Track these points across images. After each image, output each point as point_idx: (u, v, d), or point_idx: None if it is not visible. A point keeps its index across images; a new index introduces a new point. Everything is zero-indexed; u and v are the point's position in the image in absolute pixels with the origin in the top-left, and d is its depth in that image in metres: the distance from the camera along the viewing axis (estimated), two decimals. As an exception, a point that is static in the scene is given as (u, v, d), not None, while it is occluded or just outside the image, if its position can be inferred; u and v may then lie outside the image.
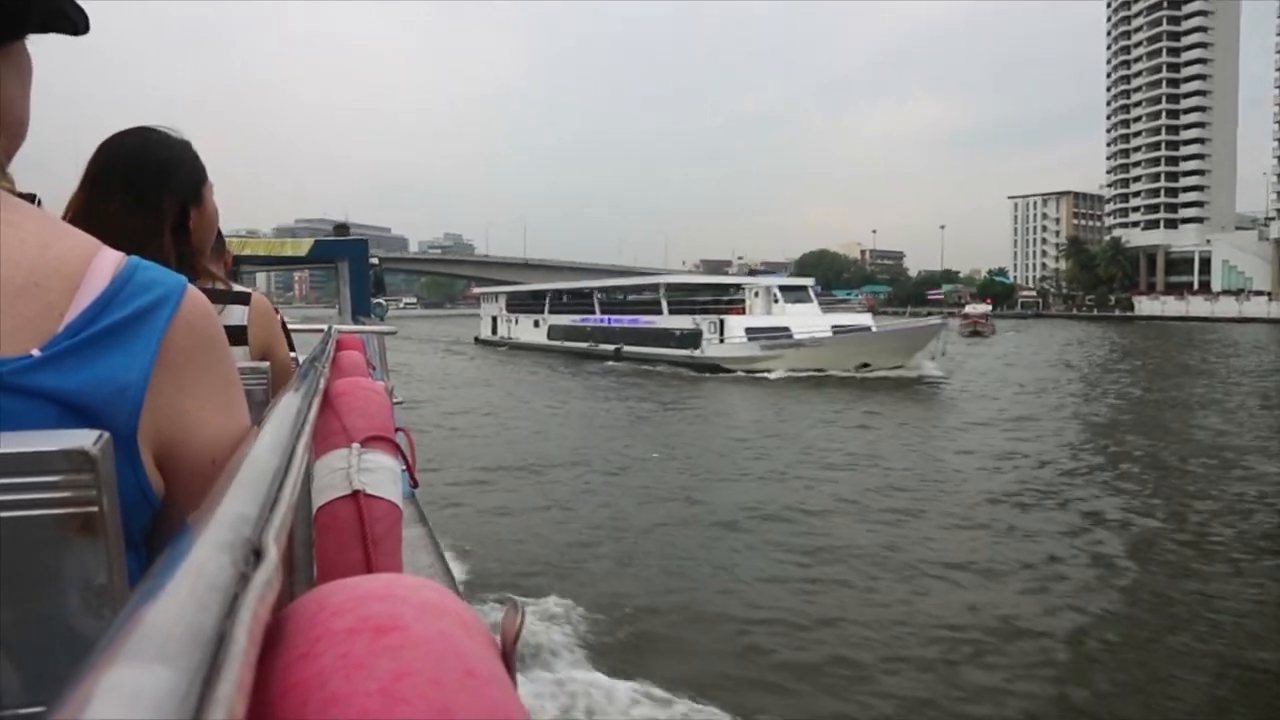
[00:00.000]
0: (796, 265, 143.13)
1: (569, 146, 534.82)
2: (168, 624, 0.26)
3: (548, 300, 45.83)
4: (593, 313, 41.36)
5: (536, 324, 45.80)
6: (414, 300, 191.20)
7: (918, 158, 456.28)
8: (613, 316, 39.75)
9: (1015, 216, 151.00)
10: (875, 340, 29.47)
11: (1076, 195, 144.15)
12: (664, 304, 36.54)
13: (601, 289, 43.69)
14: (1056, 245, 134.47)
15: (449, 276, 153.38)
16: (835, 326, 31.26)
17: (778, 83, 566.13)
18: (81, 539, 0.50)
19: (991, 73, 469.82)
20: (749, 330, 31.31)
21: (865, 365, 28.30)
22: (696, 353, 32.57)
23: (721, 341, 31.79)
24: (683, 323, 34.46)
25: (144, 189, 1.38)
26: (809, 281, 37.13)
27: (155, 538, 0.69)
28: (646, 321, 36.97)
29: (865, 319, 33.52)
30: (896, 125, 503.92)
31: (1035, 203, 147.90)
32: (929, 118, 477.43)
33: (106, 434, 0.51)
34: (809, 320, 31.81)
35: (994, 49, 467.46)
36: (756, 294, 33.90)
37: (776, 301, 33.35)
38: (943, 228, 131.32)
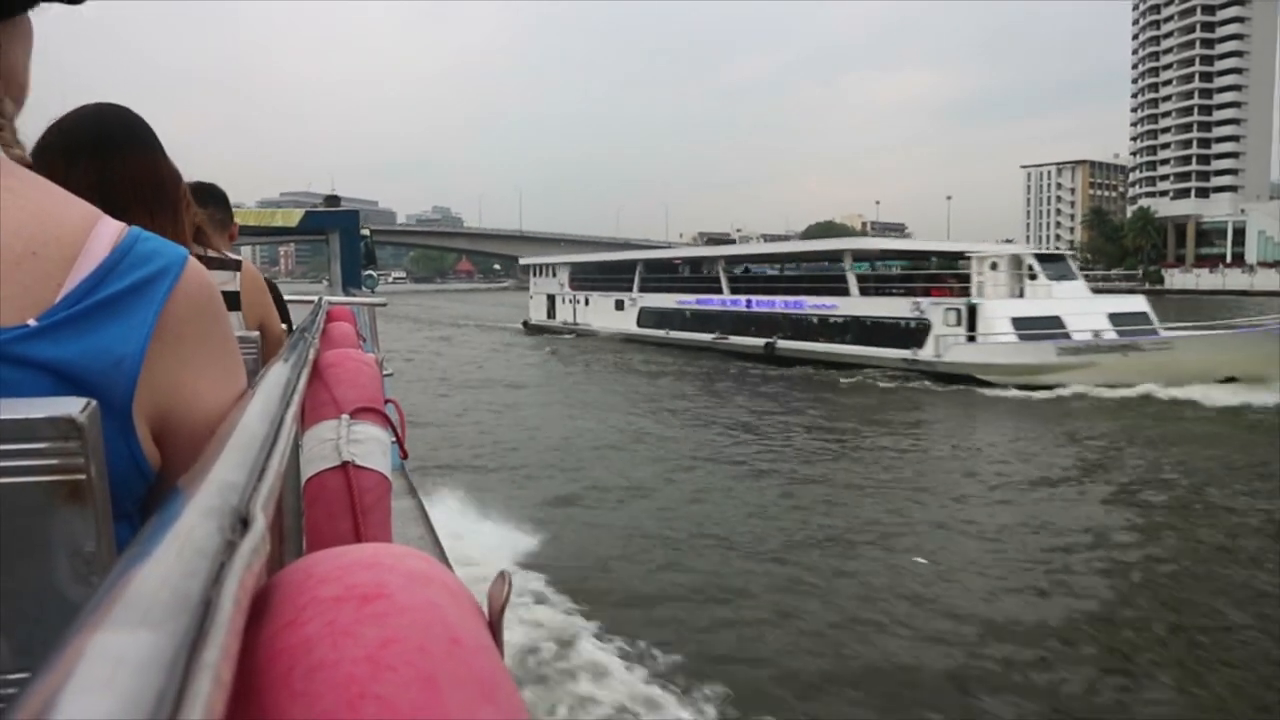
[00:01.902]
0: (803, 237, 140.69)
1: (558, 120, 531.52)
2: (154, 590, 0.26)
3: (638, 275, 34.27)
4: (717, 291, 30.01)
5: (620, 306, 34.44)
6: (403, 275, 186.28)
7: (916, 129, 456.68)
8: (756, 298, 28.19)
9: (1029, 186, 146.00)
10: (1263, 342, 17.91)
11: (1093, 164, 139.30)
12: (851, 281, 24.96)
13: (731, 258, 32.21)
14: (1072, 216, 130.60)
15: (440, 249, 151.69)
16: (1111, 315, 20.84)
17: (772, 52, 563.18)
18: (69, 506, 0.50)
19: (992, 41, 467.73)
20: (1017, 321, 20.61)
21: (1231, 379, 18.01)
22: (921, 353, 21.79)
23: (972, 339, 21.16)
24: (890, 308, 23.36)
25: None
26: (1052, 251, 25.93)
27: (150, 510, 0.68)
28: (819, 305, 25.55)
29: (1137, 303, 22.17)
30: (893, 96, 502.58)
31: (1049, 172, 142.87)
32: (927, 88, 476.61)
33: (94, 402, 0.51)
34: (1082, 306, 21.23)
35: (993, 16, 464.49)
36: (994, 265, 22.71)
37: (1034, 278, 22.13)
38: (949, 198, 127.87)
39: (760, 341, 26.66)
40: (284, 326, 2.21)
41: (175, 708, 0.21)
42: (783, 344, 25.91)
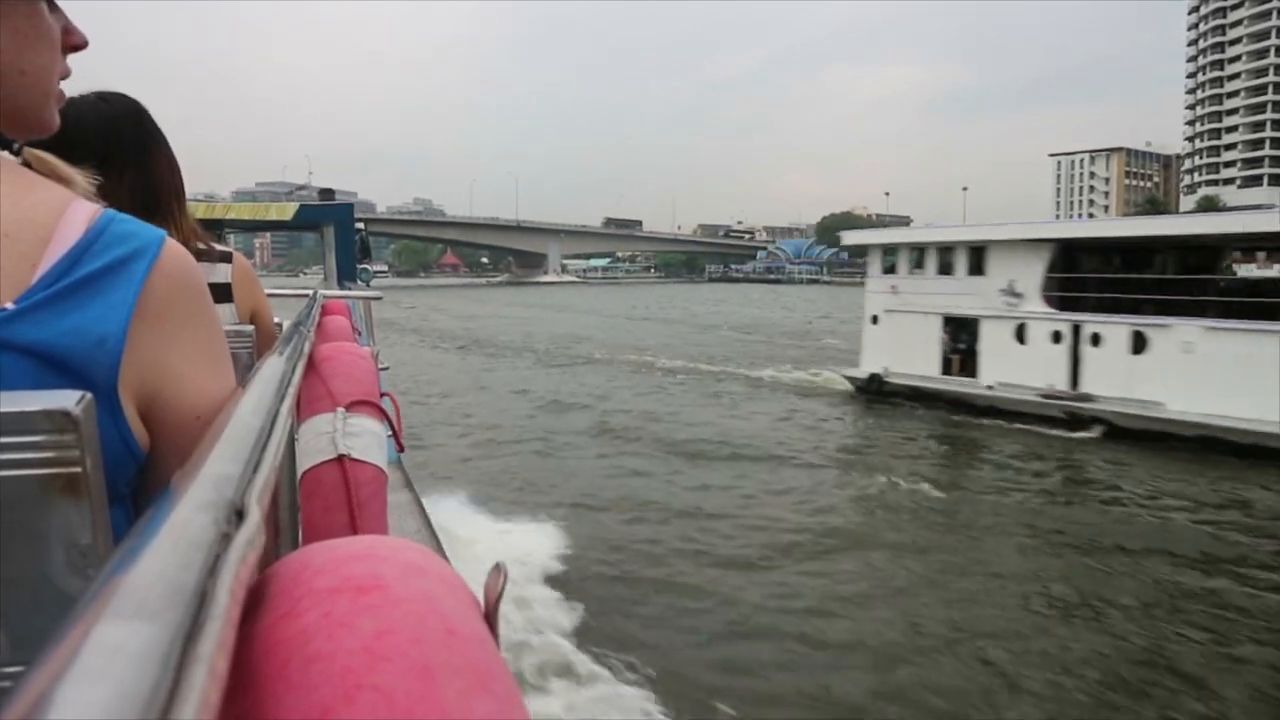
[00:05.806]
0: (818, 230, 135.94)
1: (543, 114, 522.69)
2: (149, 582, 0.26)
3: None
4: None
5: None
6: (384, 269, 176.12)
7: (908, 123, 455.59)
8: None
9: (1058, 175, 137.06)
10: None
11: (1129, 152, 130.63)
12: None
13: None
14: (1106, 208, 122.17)
15: (426, 241, 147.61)
16: None
17: (766, 41, 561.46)
18: (65, 499, 0.50)
19: (987, 36, 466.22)
20: None
21: None
22: None
23: None
24: None
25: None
26: None
27: (141, 493, 0.69)
28: None
29: None
30: (882, 90, 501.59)
31: (1081, 160, 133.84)
32: (914, 82, 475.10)
33: (89, 394, 0.51)
34: None
35: (987, 10, 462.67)
36: None
37: None
38: (965, 189, 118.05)
39: None
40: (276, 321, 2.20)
41: (171, 699, 0.22)
42: None
